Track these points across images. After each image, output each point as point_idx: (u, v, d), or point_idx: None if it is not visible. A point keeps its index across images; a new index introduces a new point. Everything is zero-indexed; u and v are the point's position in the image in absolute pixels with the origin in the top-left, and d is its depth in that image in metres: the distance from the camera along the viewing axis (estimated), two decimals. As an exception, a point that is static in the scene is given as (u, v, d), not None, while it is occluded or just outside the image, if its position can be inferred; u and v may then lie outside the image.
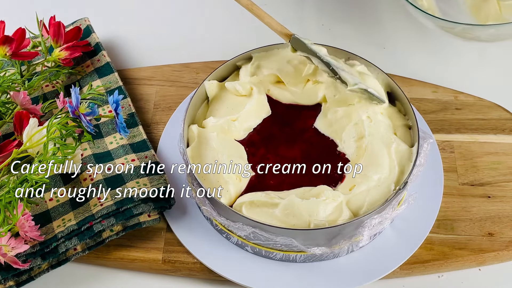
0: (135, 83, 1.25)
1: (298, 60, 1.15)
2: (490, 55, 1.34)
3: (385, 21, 1.42)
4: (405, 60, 1.33)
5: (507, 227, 1.05)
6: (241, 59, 1.16)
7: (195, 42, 1.38)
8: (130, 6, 1.45)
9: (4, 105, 1.11)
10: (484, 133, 1.16)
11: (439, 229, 1.05)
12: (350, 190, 1.00)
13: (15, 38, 1.13)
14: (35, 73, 1.21)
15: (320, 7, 1.44)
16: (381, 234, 1.04)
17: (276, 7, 1.45)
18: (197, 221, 1.06)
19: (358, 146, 1.04)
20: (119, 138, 1.14)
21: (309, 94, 1.12)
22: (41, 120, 1.09)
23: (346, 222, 0.95)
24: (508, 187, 1.10)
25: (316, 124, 1.09)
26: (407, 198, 1.01)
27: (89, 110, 1.02)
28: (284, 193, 1.00)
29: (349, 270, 1.00)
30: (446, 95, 1.22)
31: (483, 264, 1.04)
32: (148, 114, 1.20)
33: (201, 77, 1.25)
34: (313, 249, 0.95)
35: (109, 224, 1.01)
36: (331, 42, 1.20)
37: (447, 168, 1.12)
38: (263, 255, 1.02)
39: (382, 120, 1.06)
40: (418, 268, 1.02)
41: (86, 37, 1.29)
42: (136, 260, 1.03)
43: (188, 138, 1.07)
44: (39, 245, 0.99)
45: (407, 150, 1.03)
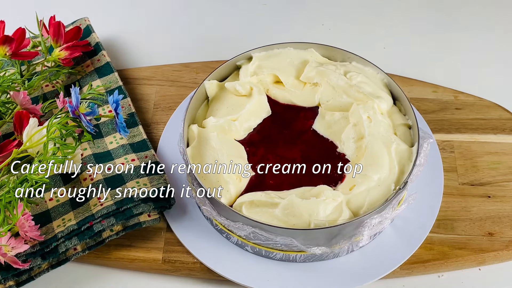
0: (135, 83, 1.25)
1: (298, 61, 1.15)
2: (490, 55, 1.34)
3: (385, 21, 1.42)
4: (405, 60, 1.33)
5: (507, 227, 1.05)
6: (241, 59, 1.16)
7: (195, 42, 1.38)
8: (130, 6, 1.45)
9: (4, 105, 1.11)
10: (484, 133, 1.16)
11: (439, 229, 1.05)
12: (350, 190, 1.00)
13: (15, 38, 1.13)
14: (35, 73, 1.21)
15: (320, 7, 1.45)
16: (381, 234, 1.04)
17: (276, 7, 1.45)
18: (197, 221, 1.06)
19: (358, 147, 1.04)
20: (119, 138, 1.14)
21: (307, 96, 1.12)
22: (41, 120, 1.09)
23: (346, 222, 0.95)
24: (508, 187, 1.10)
25: (314, 126, 1.09)
26: (407, 198, 1.00)
27: (89, 110, 1.02)
28: (284, 193, 1.00)
29: (349, 270, 1.00)
30: (446, 95, 1.22)
31: (483, 264, 1.04)
32: (148, 114, 1.20)
33: (201, 77, 1.25)
34: (313, 249, 0.95)
35: (109, 224, 1.01)
36: (331, 42, 1.20)
37: (447, 168, 1.12)
38: (263, 255, 1.02)
39: (382, 120, 1.06)
40: (418, 268, 1.02)
41: (86, 37, 1.29)
42: (136, 260, 1.03)
43: (188, 138, 1.07)
44: (39, 245, 0.99)
45: (407, 150, 1.03)
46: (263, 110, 1.10)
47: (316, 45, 1.17)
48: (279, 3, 1.45)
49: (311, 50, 1.16)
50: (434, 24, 1.40)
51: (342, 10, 1.44)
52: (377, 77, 1.13)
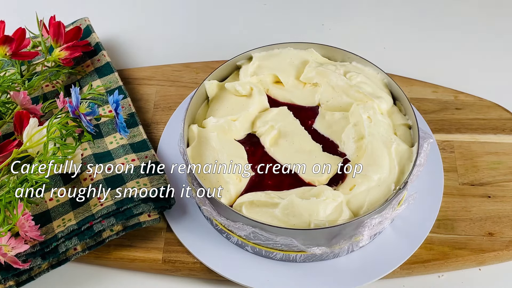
0: (135, 83, 1.25)
1: (298, 61, 1.15)
2: (490, 55, 1.34)
3: (385, 21, 1.42)
4: (405, 60, 1.33)
5: (507, 227, 1.05)
6: (241, 59, 1.16)
7: (195, 42, 1.38)
8: (130, 6, 1.45)
9: (4, 105, 1.11)
10: (484, 133, 1.16)
11: (439, 229, 1.05)
12: (350, 190, 1.00)
13: (15, 38, 1.13)
14: (35, 73, 1.21)
15: (320, 7, 1.45)
16: (381, 234, 1.04)
17: (276, 7, 1.45)
18: (197, 221, 1.06)
19: (358, 147, 1.04)
20: (119, 138, 1.14)
21: (307, 96, 1.12)
22: (41, 120, 1.09)
23: (346, 222, 0.95)
24: (508, 187, 1.10)
25: (315, 125, 1.09)
26: (407, 198, 1.00)
27: (89, 110, 1.02)
28: (284, 193, 1.00)
29: (349, 270, 1.00)
30: (446, 95, 1.22)
31: (483, 264, 1.04)
32: (148, 114, 1.20)
33: (201, 77, 1.25)
34: (313, 249, 0.95)
35: (109, 224, 1.01)
36: (331, 42, 1.20)
37: (447, 168, 1.12)
38: (263, 255, 1.02)
39: (382, 120, 1.06)
40: (418, 268, 1.02)
41: (86, 37, 1.29)
42: (136, 260, 1.03)
43: (188, 138, 1.07)
44: (39, 245, 0.99)
45: (407, 150, 1.03)
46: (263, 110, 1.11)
47: (316, 45, 1.17)
48: (279, 3, 1.45)
49: (311, 50, 1.16)
50: (434, 24, 1.40)
51: (342, 10, 1.44)
52: (377, 77, 1.13)
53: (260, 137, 1.07)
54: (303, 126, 1.08)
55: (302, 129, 1.07)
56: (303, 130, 1.07)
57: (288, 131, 1.07)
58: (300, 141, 1.06)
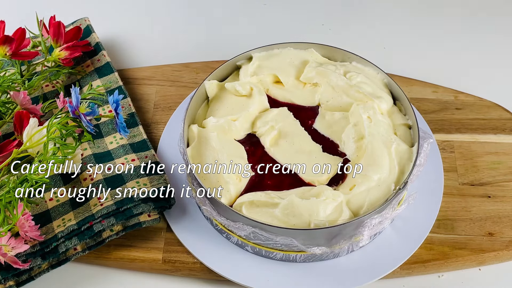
0: (135, 83, 1.25)
1: (298, 61, 1.15)
2: (490, 55, 1.34)
3: (385, 21, 1.42)
4: (405, 60, 1.33)
5: (507, 227, 1.05)
6: (241, 59, 1.16)
7: (195, 42, 1.38)
8: (130, 6, 1.45)
9: (4, 105, 1.11)
10: (484, 133, 1.16)
11: (439, 229, 1.05)
12: (350, 190, 1.00)
13: (15, 38, 1.13)
14: (35, 73, 1.21)
15: (320, 7, 1.45)
16: (381, 234, 1.04)
17: (276, 7, 1.45)
18: (197, 221, 1.06)
19: (358, 147, 1.04)
20: (119, 138, 1.14)
21: (307, 95, 1.12)
22: (41, 120, 1.09)
23: (346, 222, 0.95)
24: (508, 187, 1.10)
25: (315, 125, 1.09)
26: (407, 198, 1.00)
27: (89, 110, 1.02)
28: (284, 193, 1.00)
29: (349, 270, 1.00)
30: (446, 95, 1.22)
31: (483, 264, 1.04)
32: (148, 114, 1.20)
33: (201, 77, 1.25)
34: (313, 249, 0.95)
35: (109, 224, 1.01)
36: (331, 42, 1.20)
37: (447, 168, 1.12)
38: (263, 255, 1.02)
39: (382, 120, 1.06)
40: (418, 268, 1.02)
41: (86, 37, 1.29)
42: (136, 260, 1.03)
43: (188, 138, 1.07)
44: (39, 245, 0.99)
45: (407, 150, 1.03)
46: (264, 110, 1.11)
47: (316, 45, 1.17)
48: (279, 3, 1.45)
49: (311, 50, 1.16)
50: (434, 24, 1.40)
51: (343, 10, 1.44)
52: (377, 77, 1.13)
53: (260, 137, 1.07)
54: (303, 126, 1.08)
55: (302, 130, 1.07)
56: (303, 131, 1.07)
57: (288, 132, 1.07)
58: (300, 142, 1.06)
